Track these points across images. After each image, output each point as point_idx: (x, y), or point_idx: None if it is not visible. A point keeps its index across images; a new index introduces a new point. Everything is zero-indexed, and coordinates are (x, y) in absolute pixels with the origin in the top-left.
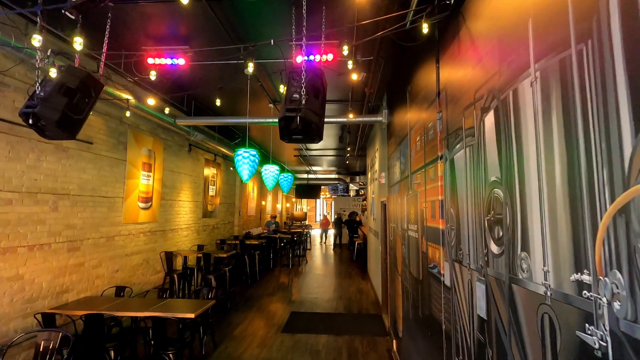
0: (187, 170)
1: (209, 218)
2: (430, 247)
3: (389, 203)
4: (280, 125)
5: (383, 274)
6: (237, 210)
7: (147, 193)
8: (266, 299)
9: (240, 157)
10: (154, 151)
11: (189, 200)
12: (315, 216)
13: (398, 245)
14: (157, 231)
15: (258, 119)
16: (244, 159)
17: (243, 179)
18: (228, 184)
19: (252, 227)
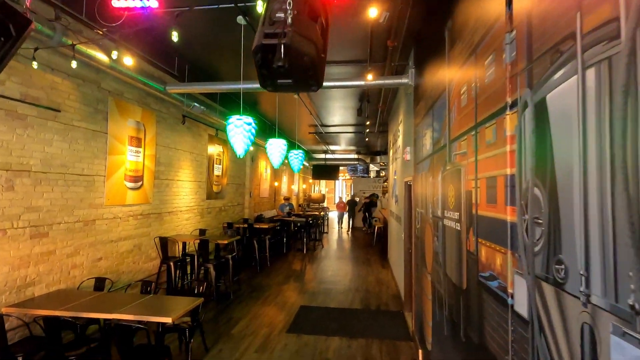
0: (186, 146)
1: (215, 200)
2: (483, 247)
3: (415, 183)
4: (255, 60)
5: (406, 265)
6: (248, 192)
7: (137, 171)
8: (274, 290)
9: (232, 127)
10: (143, 124)
11: (190, 180)
12: (335, 198)
13: (427, 236)
14: (150, 214)
15: (255, 84)
16: (236, 128)
17: (237, 153)
18: (237, 163)
19: (265, 209)
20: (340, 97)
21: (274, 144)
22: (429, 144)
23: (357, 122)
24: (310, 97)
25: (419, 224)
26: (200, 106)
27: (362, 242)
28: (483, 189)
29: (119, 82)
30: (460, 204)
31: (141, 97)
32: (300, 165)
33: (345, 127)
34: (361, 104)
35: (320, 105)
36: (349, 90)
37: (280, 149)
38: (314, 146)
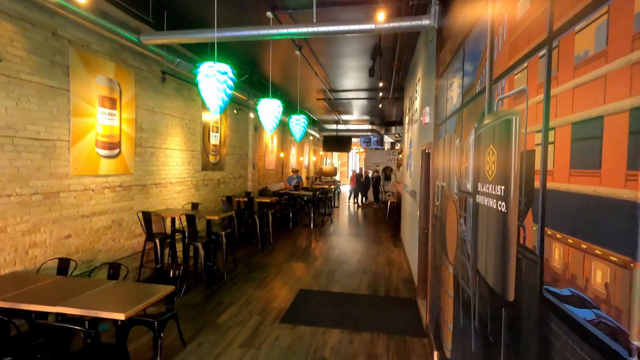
0: (176, 111)
1: (212, 171)
2: (558, 245)
3: (434, 150)
4: None
5: (421, 247)
6: (251, 163)
7: (112, 137)
8: (274, 270)
9: (202, 76)
10: (118, 82)
11: (181, 149)
12: (348, 171)
13: (450, 217)
14: (132, 186)
15: (233, 32)
16: (207, 79)
17: (210, 109)
18: (238, 132)
19: (271, 182)
20: (350, 55)
21: (265, 105)
22: (457, 95)
23: (370, 86)
24: (315, 55)
25: (438, 201)
26: (189, 63)
27: (374, 218)
28: (564, 144)
29: (82, 29)
30: (509, 173)
31: (114, 51)
32: (302, 132)
33: (357, 93)
34: (374, 62)
35: (328, 65)
36: (359, 45)
37: (273, 111)
38: (325, 116)
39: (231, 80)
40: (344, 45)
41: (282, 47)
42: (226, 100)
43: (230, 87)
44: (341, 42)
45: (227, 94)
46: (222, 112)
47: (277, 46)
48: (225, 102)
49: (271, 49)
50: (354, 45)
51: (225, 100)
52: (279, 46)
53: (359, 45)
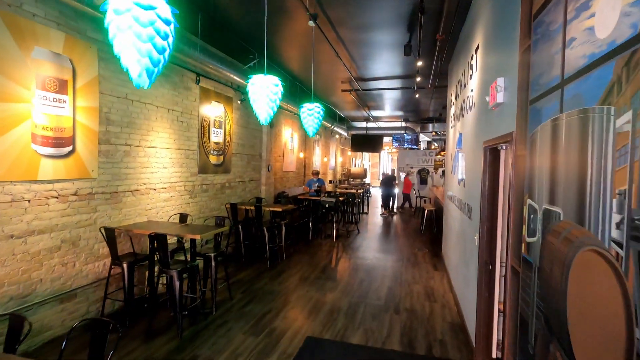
0: (162, 101)
1: (214, 174)
2: None
3: (521, 145)
4: None
5: (481, 290)
6: (265, 165)
7: (59, 130)
8: (279, 301)
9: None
10: (70, 59)
11: (170, 147)
12: (379, 173)
13: (588, 293)
14: (95, 193)
15: None
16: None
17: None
18: (248, 129)
19: (291, 186)
20: (379, 25)
21: (256, 83)
22: (585, 39)
23: (405, 72)
24: (335, 28)
25: (535, 237)
26: (181, 44)
27: (408, 228)
28: None
29: None
30: None
31: (65, 17)
32: (317, 125)
33: (390, 82)
34: (410, 35)
35: (351, 42)
36: (391, 10)
37: (267, 91)
38: (353, 112)
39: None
40: (371, 11)
41: (296, 21)
42: (275, 110)
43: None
44: (367, 5)
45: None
46: (147, 86)
47: (290, 19)
48: (275, 111)
49: (283, 24)
50: (384, 10)
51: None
52: (293, 19)
53: (392, 9)
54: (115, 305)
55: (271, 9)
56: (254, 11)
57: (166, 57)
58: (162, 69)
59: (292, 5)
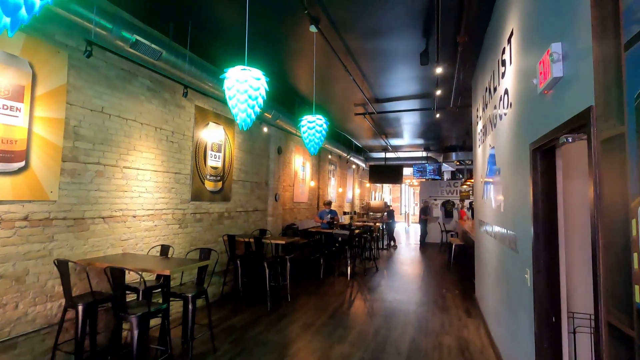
0: (148, 118)
1: (210, 202)
2: None
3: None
4: None
5: (542, 349)
6: (272, 194)
7: (10, 142)
8: (271, 357)
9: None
10: (30, 62)
11: (156, 170)
12: (401, 207)
13: None
14: (54, 219)
15: None
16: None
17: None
18: (252, 154)
19: (302, 218)
20: (390, 29)
21: (232, 76)
22: None
23: (423, 90)
24: (340, 35)
25: None
26: (151, 44)
27: (434, 265)
28: None
29: None
30: None
31: None
32: (319, 141)
33: (407, 103)
34: (427, 40)
35: (360, 52)
36: (403, 9)
37: (246, 87)
38: (371, 141)
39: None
40: (379, 11)
41: (301, 35)
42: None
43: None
44: (375, 3)
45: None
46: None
47: (293, 30)
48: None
49: (287, 36)
50: (394, 8)
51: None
52: (300, 35)
53: (403, 7)
54: (69, 359)
55: (271, 17)
56: (265, 30)
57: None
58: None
59: (291, 10)
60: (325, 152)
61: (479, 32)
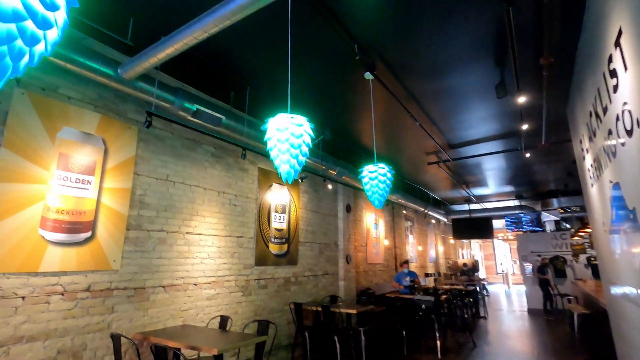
0: (211, 183)
1: (275, 266)
2: None
3: None
4: None
5: None
6: (343, 255)
7: (78, 214)
8: None
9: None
10: (104, 139)
11: (219, 235)
12: (495, 265)
13: None
14: (115, 289)
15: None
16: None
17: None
18: (319, 213)
19: (379, 281)
20: (457, 61)
21: (272, 125)
22: None
23: (505, 129)
24: (400, 79)
25: None
26: (213, 112)
27: (550, 340)
28: None
29: (47, 67)
30: None
31: (103, 100)
32: (384, 194)
33: (487, 145)
34: (502, 70)
35: (426, 94)
36: (469, 41)
37: (288, 135)
38: (450, 192)
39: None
40: (441, 47)
41: (363, 88)
42: (298, 168)
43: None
44: (434, 38)
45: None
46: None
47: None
48: (297, 169)
49: (351, 92)
50: (458, 37)
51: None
52: (362, 86)
53: (468, 34)
54: None
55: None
56: (325, 85)
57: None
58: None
59: (342, 58)
60: (398, 208)
61: (567, 48)
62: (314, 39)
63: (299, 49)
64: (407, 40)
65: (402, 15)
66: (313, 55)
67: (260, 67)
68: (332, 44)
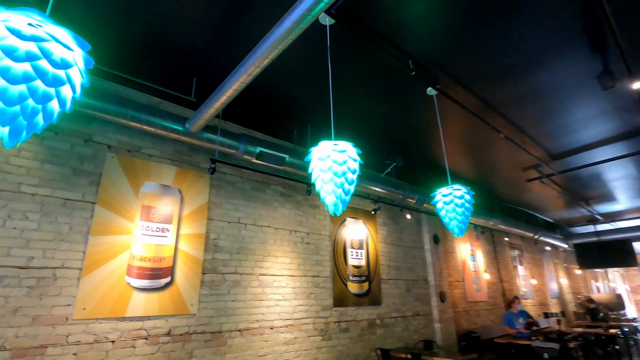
0: (282, 222)
1: (356, 307)
2: None
3: None
4: None
5: None
6: (435, 293)
7: (158, 261)
8: None
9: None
10: (179, 189)
11: (292, 275)
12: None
13: None
14: (193, 333)
15: None
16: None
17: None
18: (401, 247)
19: (483, 322)
20: (536, 51)
21: (315, 155)
22: None
23: (625, 127)
24: (473, 89)
25: None
26: (276, 152)
27: None
28: None
29: (131, 132)
30: None
31: (179, 154)
32: (464, 220)
33: (604, 150)
34: (604, 56)
35: (502, 101)
36: (550, 16)
37: (329, 163)
38: (564, 212)
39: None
40: (516, 42)
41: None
42: (345, 198)
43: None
44: (506, 34)
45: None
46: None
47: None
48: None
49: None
50: (536, 29)
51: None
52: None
53: (549, 25)
54: None
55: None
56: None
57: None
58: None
59: (397, 77)
60: (499, 235)
61: None
62: (365, 66)
63: (352, 78)
64: (470, 43)
65: (459, 16)
66: (367, 83)
67: (318, 102)
68: (384, 66)
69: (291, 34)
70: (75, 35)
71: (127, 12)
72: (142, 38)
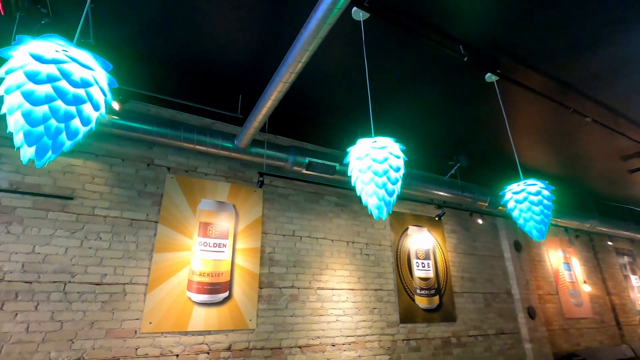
0: (338, 233)
1: (426, 323)
2: None
3: None
4: None
5: None
6: (522, 308)
7: (216, 275)
8: None
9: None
10: (234, 205)
11: (352, 288)
12: None
13: None
14: (253, 349)
15: None
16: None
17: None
18: (475, 256)
19: (590, 342)
20: (620, 24)
21: (354, 154)
22: None
23: None
24: (544, 70)
25: None
26: (325, 161)
27: None
28: None
29: (187, 154)
30: None
31: (233, 170)
32: (543, 220)
33: None
34: None
35: (582, 79)
36: None
37: (371, 164)
38: None
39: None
40: (589, 10)
41: None
42: (389, 199)
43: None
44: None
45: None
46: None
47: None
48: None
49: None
50: None
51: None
52: None
53: None
54: None
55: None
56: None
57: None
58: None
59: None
60: (600, 238)
61: None
62: (409, 60)
63: (397, 75)
64: (534, 14)
65: None
66: (414, 78)
67: (364, 105)
68: (432, 57)
69: (320, 32)
70: (96, 55)
71: (174, 39)
72: (188, 61)
